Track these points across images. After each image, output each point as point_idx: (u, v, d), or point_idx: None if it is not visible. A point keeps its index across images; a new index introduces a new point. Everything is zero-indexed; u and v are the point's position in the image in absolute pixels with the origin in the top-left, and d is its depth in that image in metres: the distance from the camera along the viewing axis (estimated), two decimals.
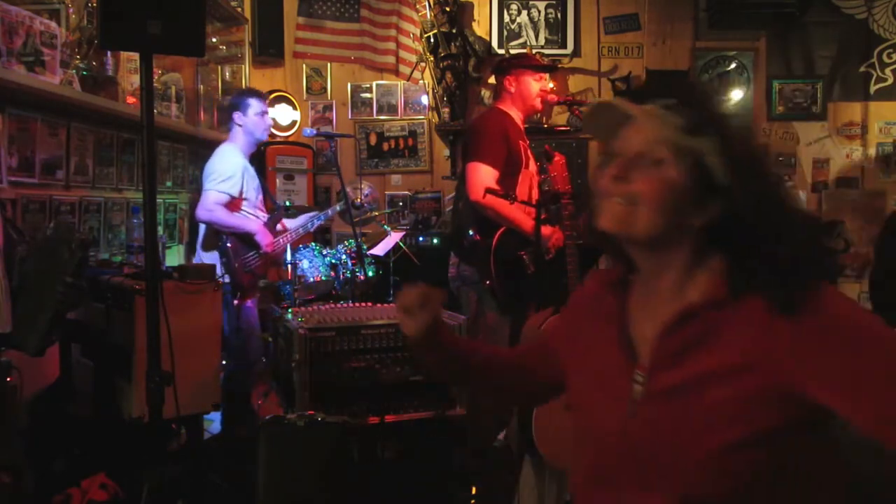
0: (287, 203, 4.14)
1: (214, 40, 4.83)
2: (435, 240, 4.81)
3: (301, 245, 4.02)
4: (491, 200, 3.05)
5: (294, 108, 5.32)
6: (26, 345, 2.33)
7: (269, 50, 5.20)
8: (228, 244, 3.61)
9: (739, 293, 1.05)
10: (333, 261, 4.00)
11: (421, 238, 4.81)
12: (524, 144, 3.36)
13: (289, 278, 3.76)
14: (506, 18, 5.36)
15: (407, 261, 4.42)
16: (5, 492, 2.20)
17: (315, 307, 3.27)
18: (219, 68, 4.94)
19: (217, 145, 3.87)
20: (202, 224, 3.75)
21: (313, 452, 2.35)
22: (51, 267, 2.34)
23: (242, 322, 3.68)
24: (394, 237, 4.40)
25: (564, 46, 5.36)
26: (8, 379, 2.37)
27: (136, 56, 3.05)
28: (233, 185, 3.64)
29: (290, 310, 3.05)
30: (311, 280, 3.92)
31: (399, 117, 5.38)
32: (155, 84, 3.58)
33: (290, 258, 3.79)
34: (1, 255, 2.27)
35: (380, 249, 4.28)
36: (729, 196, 1.06)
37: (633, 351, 1.15)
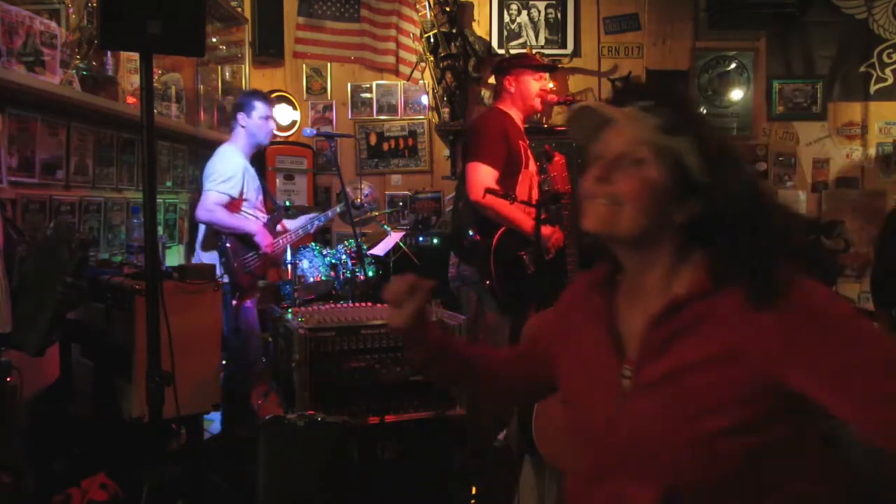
0: (287, 203, 4.14)
1: (214, 40, 4.83)
2: (435, 240, 4.81)
3: (301, 245, 4.02)
4: (491, 200, 3.05)
5: (294, 108, 5.33)
6: (26, 345, 2.33)
7: (269, 50, 5.20)
8: (228, 244, 3.61)
9: (721, 286, 1.08)
10: (333, 261, 4.00)
11: (421, 238, 4.81)
12: (524, 144, 3.36)
13: (289, 278, 3.76)
14: (506, 18, 5.36)
15: (407, 261, 4.42)
16: (5, 492, 2.20)
17: (315, 307, 3.27)
18: (219, 68, 4.93)
19: (217, 145, 3.86)
20: (202, 224, 3.74)
21: (313, 452, 2.35)
22: (51, 267, 2.34)
23: (241, 322, 3.68)
24: (394, 237, 4.40)
25: (564, 46, 5.36)
26: (8, 379, 2.37)
27: (136, 56, 3.05)
28: (233, 186, 3.63)
29: (290, 310, 3.06)
30: (311, 280, 3.92)
31: (399, 117, 5.38)
32: (155, 84, 3.58)
33: (290, 258, 3.79)
34: (1, 255, 2.27)
35: (380, 249, 4.28)
36: (708, 193, 1.10)
37: (621, 347, 1.18)
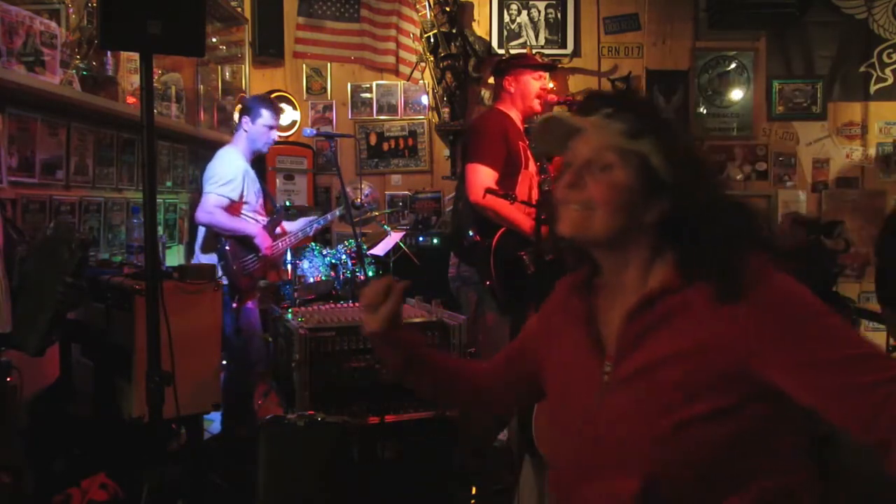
0: (287, 203, 4.14)
1: (214, 40, 4.83)
2: (435, 240, 4.81)
3: (301, 246, 4.02)
4: (491, 201, 3.05)
5: (294, 108, 5.33)
6: (26, 345, 2.33)
7: (269, 50, 5.20)
8: (227, 247, 3.59)
9: (690, 280, 1.12)
10: (333, 261, 4.00)
11: (421, 238, 4.81)
12: (524, 145, 3.36)
13: (289, 278, 3.76)
14: (506, 18, 5.36)
15: (407, 261, 4.42)
16: (5, 492, 2.21)
17: (315, 307, 3.27)
18: (219, 68, 4.93)
19: (217, 145, 3.86)
20: (201, 227, 3.74)
21: (313, 452, 2.35)
22: (51, 267, 2.34)
23: (243, 323, 3.67)
24: (394, 237, 4.40)
25: (564, 46, 5.36)
26: (8, 379, 2.37)
27: (136, 56, 3.05)
28: (233, 189, 3.62)
29: (290, 310, 3.05)
30: (311, 280, 3.92)
31: (399, 117, 5.38)
32: (155, 84, 3.58)
33: (290, 258, 3.79)
34: (1, 255, 2.27)
35: (380, 249, 4.28)
36: (674, 192, 1.14)
37: (601, 345, 1.21)
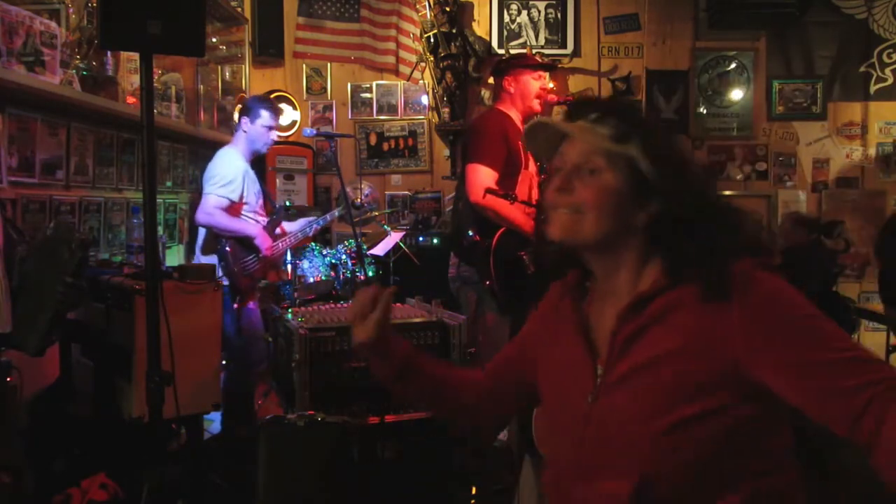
0: (287, 203, 4.14)
1: (214, 40, 4.83)
2: (435, 240, 4.82)
3: (301, 246, 4.02)
4: (491, 201, 3.05)
5: (294, 108, 5.33)
6: (26, 345, 2.33)
7: (269, 50, 5.20)
8: (227, 248, 3.59)
9: (679, 282, 1.13)
10: (333, 261, 4.00)
11: (421, 238, 4.81)
12: (524, 145, 3.36)
13: (289, 278, 3.76)
14: (506, 18, 5.36)
15: (407, 261, 4.42)
16: (5, 492, 2.20)
17: (315, 307, 3.26)
18: (219, 68, 4.93)
19: (217, 145, 3.85)
20: (202, 228, 3.74)
21: (313, 452, 2.34)
22: (51, 267, 2.34)
23: (245, 324, 3.66)
24: (394, 237, 4.40)
25: (564, 46, 5.36)
26: (8, 379, 2.37)
27: (136, 56, 3.05)
28: (233, 190, 3.61)
29: (290, 310, 3.05)
30: (311, 280, 3.92)
31: (399, 117, 5.39)
32: (155, 84, 3.58)
33: (290, 258, 3.79)
34: (1, 255, 2.27)
35: (380, 249, 4.28)
36: (662, 195, 1.15)
37: (594, 348, 1.21)
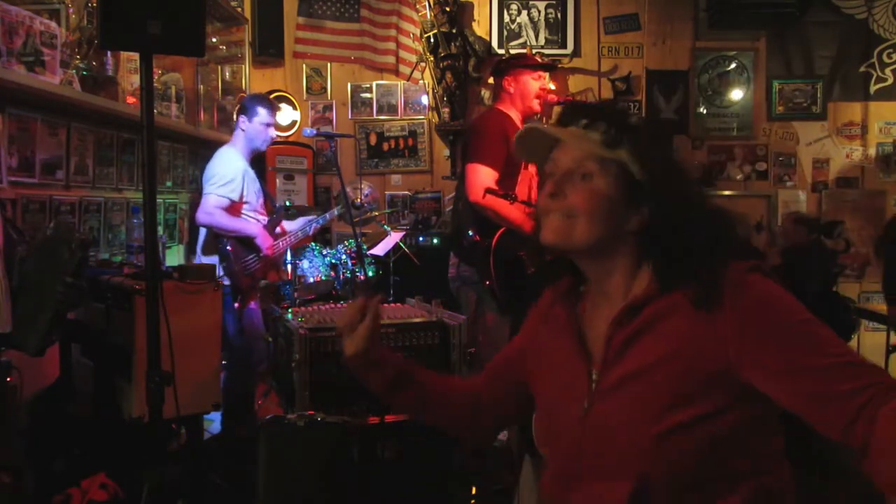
0: (287, 203, 4.14)
1: (214, 40, 4.83)
2: (435, 240, 4.82)
3: (301, 246, 4.02)
4: (490, 201, 3.05)
5: (294, 108, 5.33)
6: (26, 345, 2.33)
7: (269, 50, 5.20)
8: (229, 247, 3.59)
9: (668, 289, 1.13)
10: (333, 261, 4.00)
11: (421, 238, 4.81)
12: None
13: (289, 278, 3.76)
14: (506, 18, 5.36)
15: (407, 261, 4.43)
16: (5, 492, 2.20)
17: (315, 307, 3.26)
18: (219, 68, 4.93)
19: (217, 145, 3.85)
20: (202, 228, 3.74)
21: (313, 452, 2.34)
22: (51, 267, 2.33)
23: (246, 325, 3.66)
24: (394, 237, 4.40)
25: (564, 46, 5.36)
26: (8, 379, 2.36)
27: (136, 56, 3.04)
28: (233, 189, 3.61)
29: (290, 310, 3.05)
30: (311, 280, 3.92)
31: (399, 117, 5.39)
32: (155, 84, 3.58)
33: (291, 258, 3.79)
34: (1, 255, 2.27)
35: (380, 249, 4.29)
36: (652, 200, 1.15)
37: (589, 353, 1.21)
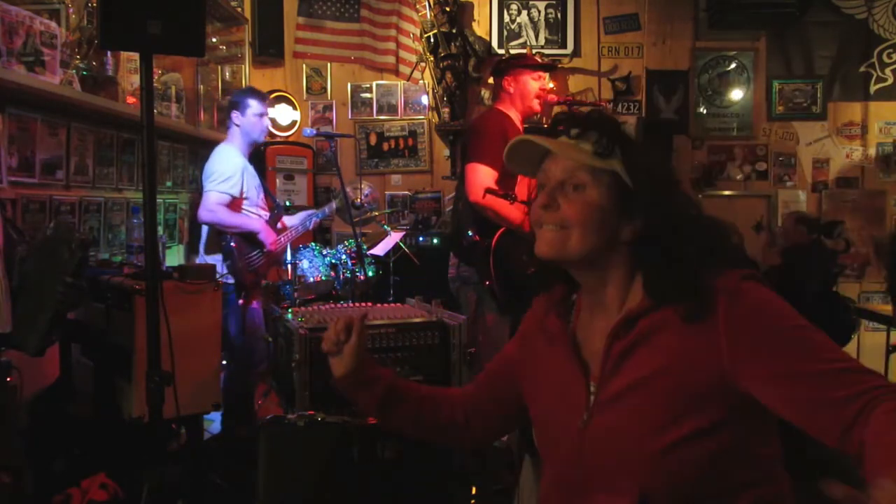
0: (287, 203, 4.14)
1: (214, 40, 4.83)
2: (435, 240, 4.81)
3: (301, 245, 4.01)
4: (490, 201, 3.05)
5: (294, 108, 5.33)
6: (26, 345, 2.33)
7: (269, 50, 5.20)
8: (233, 244, 3.59)
9: (658, 302, 1.12)
10: (333, 261, 4.00)
11: (421, 238, 4.81)
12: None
13: (289, 278, 3.76)
14: (506, 18, 5.36)
15: (407, 261, 4.42)
16: (5, 492, 2.20)
17: (315, 307, 3.26)
18: (219, 68, 4.93)
19: (217, 145, 3.86)
20: (205, 226, 3.74)
21: (313, 452, 2.34)
22: (51, 267, 2.33)
23: (248, 324, 3.66)
24: (394, 237, 4.40)
25: (564, 46, 5.36)
26: (8, 379, 2.36)
27: (136, 56, 3.04)
28: (233, 185, 3.63)
29: (290, 310, 3.05)
30: (311, 280, 3.92)
31: (399, 117, 5.39)
32: (155, 84, 3.58)
33: (291, 258, 3.79)
34: (1, 255, 2.27)
35: (380, 249, 4.29)
36: (643, 210, 1.14)
37: (585, 364, 1.21)
